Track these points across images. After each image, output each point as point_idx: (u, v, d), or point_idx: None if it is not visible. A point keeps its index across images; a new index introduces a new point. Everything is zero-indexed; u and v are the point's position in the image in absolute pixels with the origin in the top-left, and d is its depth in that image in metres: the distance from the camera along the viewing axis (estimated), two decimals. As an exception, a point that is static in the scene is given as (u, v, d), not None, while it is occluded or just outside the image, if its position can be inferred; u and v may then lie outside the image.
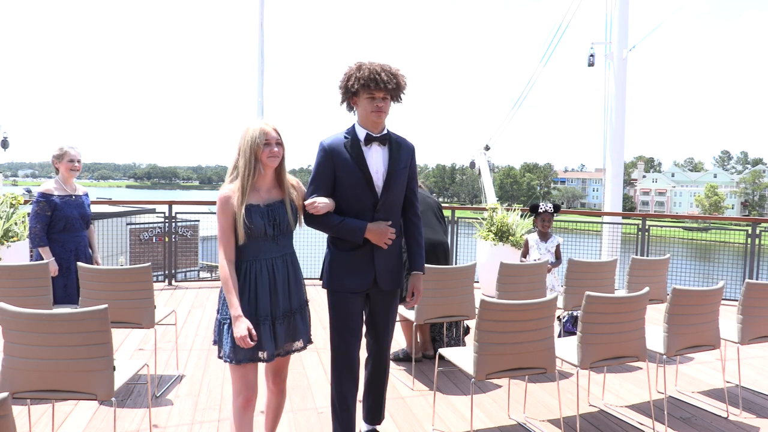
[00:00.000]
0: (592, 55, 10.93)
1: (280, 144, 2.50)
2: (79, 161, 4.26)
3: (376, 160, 2.66)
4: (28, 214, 5.94)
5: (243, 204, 2.42)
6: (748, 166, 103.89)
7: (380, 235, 2.65)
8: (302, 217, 2.66)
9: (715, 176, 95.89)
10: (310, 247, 7.47)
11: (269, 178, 2.54)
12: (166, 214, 7.41)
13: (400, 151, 2.72)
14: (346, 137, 2.66)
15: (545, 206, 5.05)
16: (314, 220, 2.65)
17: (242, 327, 2.36)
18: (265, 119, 2.55)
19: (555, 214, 5.10)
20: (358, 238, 2.64)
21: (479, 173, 15.88)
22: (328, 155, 2.64)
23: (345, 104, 2.69)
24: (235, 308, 2.39)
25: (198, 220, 9.35)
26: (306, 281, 2.75)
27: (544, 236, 5.05)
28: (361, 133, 2.65)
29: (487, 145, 16.05)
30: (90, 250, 4.43)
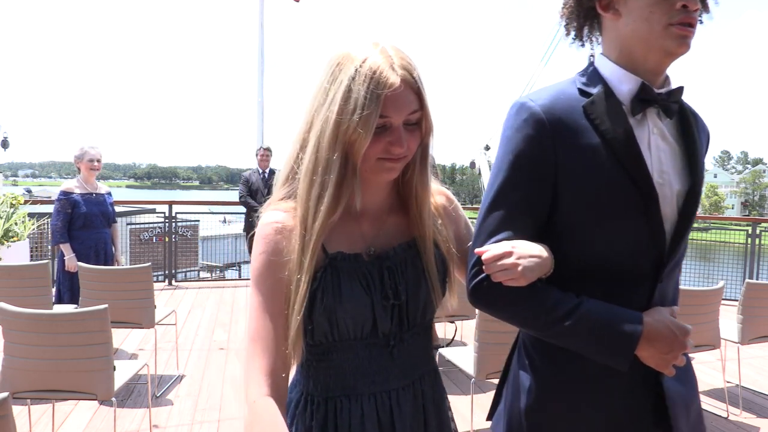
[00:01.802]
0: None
1: (414, 123, 0.98)
2: (98, 161, 4.49)
3: (660, 150, 1.06)
4: (29, 214, 6.01)
5: (310, 259, 0.95)
6: (748, 166, 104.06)
7: (671, 346, 0.98)
8: (466, 283, 1.08)
9: (715, 176, 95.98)
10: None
11: (383, 190, 1.08)
12: (166, 214, 7.42)
13: (698, 132, 1.13)
14: (583, 90, 1.09)
15: None
16: (496, 300, 1.04)
17: None
18: (385, 45, 0.97)
19: None
20: (623, 356, 0.98)
21: (479, 173, 15.94)
22: (544, 132, 1.03)
23: (577, 25, 1.21)
24: None
25: (198, 220, 9.31)
26: None
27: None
28: (625, 82, 1.07)
29: (487, 145, 16.10)
30: (113, 248, 4.60)
